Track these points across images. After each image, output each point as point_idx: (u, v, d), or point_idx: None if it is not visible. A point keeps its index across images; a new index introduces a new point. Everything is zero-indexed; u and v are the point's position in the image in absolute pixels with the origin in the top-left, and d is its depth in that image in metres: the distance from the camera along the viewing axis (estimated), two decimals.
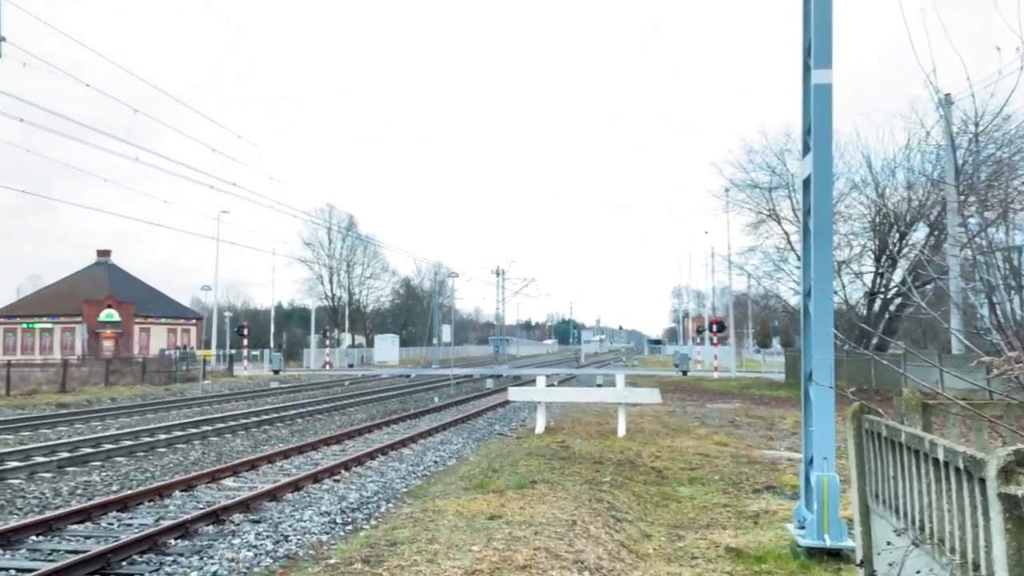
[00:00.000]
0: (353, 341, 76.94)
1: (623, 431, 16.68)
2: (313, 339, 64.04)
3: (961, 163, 25.20)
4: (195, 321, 71.37)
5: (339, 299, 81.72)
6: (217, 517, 9.61)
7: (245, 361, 52.01)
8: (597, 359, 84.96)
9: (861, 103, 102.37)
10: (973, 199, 15.33)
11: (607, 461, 12.74)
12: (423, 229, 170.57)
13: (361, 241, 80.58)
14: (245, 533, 8.99)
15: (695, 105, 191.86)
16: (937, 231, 31.94)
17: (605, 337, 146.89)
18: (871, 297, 35.08)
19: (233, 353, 54.96)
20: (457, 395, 30.74)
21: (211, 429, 19.03)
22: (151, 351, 57.58)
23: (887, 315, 34.42)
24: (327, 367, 59.23)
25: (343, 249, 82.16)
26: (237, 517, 9.86)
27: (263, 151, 76.41)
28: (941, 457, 3.72)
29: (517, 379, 40.47)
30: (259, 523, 9.56)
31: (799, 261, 13.21)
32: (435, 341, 66.87)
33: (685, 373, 46.71)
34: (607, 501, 9.63)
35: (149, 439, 17.35)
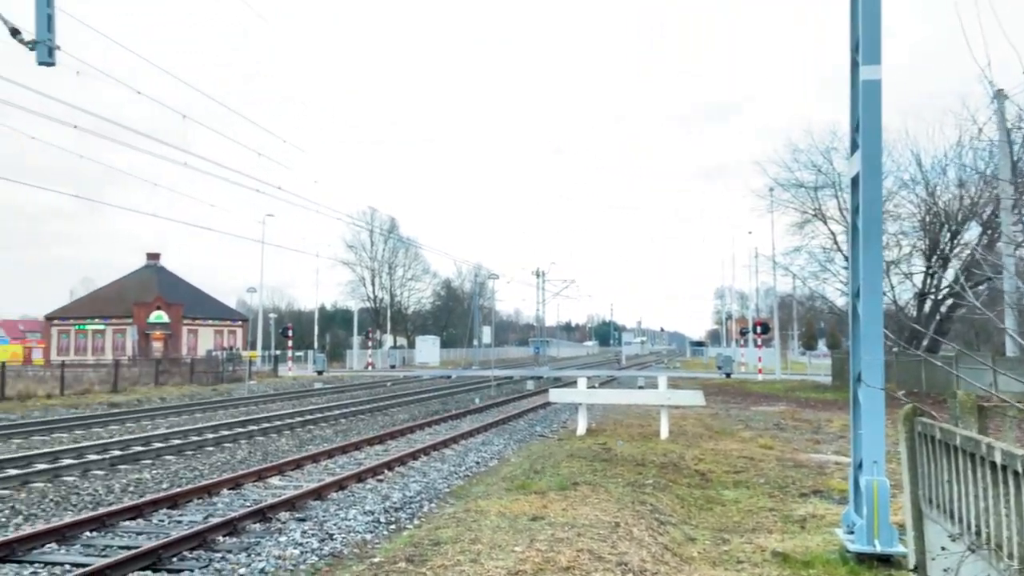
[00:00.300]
0: (395, 342, 77.68)
1: (665, 433, 16.53)
2: (356, 340, 64.74)
3: (1016, 159, 24.53)
4: (241, 323, 72.71)
5: (381, 301, 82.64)
6: (264, 515, 9.76)
7: (290, 362, 52.70)
8: (638, 361, 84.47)
9: (911, 99, 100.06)
10: None
11: (650, 463, 12.64)
12: (463, 231, 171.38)
13: (402, 243, 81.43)
14: (291, 531, 9.12)
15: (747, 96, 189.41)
16: (990, 230, 31.12)
17: (646, 339, 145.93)
18: (921, 298, 34.31)
19: (278, 354, 55.76)
20: (498, 396, 30.79)
21: (257, 429, 19.36)
22: (199, 352, 58.78)
23: (938, 316, 33.60)
24: (369, 368, 59.82)
25: (385, 251, 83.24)
26: (283, 515, 10.01)
27: (308, 155, 77.43)
28: (999, 461, 3.63)
29: (558, 381, 40.44)
30: (305, 521, 9.69)
31: (846, 261, 12.99)
32: (476, 342, 67.25)
33: (728, 375, 46.12)
34: (650, 504, 9.55)
35: (197, 438, 17.72)
